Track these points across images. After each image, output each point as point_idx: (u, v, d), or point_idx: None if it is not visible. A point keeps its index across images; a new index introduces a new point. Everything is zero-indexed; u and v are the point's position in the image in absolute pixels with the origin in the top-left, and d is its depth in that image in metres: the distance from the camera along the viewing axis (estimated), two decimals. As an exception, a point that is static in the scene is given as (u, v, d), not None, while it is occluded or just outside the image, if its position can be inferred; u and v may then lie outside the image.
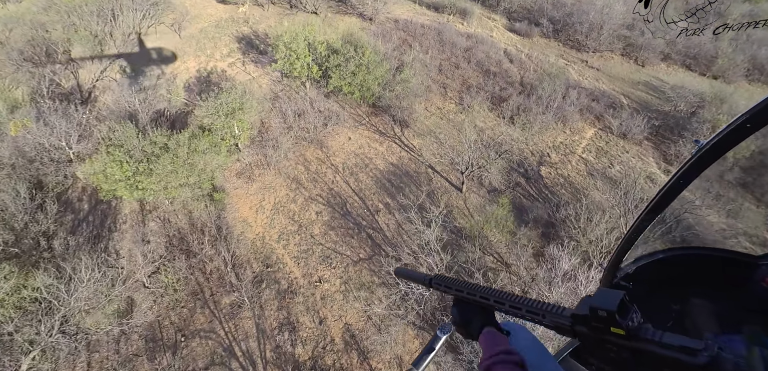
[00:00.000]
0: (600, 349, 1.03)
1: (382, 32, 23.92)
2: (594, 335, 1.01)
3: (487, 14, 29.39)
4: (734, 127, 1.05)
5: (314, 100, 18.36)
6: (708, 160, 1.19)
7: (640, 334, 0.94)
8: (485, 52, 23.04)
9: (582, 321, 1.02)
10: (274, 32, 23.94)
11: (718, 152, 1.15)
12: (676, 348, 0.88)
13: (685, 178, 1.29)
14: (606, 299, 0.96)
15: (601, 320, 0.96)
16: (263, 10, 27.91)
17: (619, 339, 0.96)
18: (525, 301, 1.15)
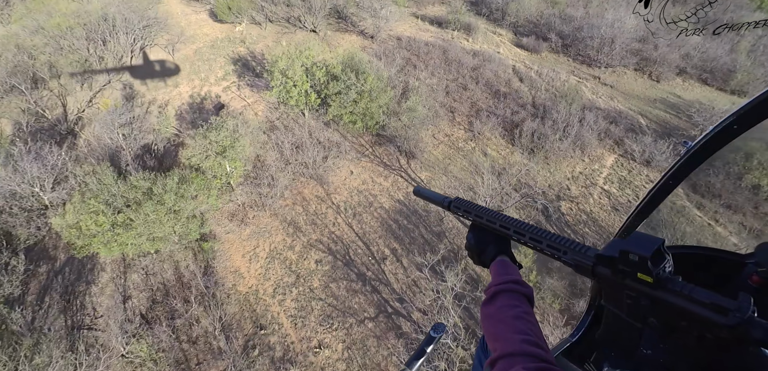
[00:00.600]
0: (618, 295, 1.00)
1: (385, 52, 22.12)
2: (616, 278, 0.97)
3: (492, 29, 27.60)
4: (722, 128, 1.04)
5: (313, 129, 16.54)
6: (697, 160, 1.18)
7: (668, 285, 0.90)
8: (493, 70, 21.23)
9: (607, 262, 0.98)
10: (272, 53, 22.17)
11: (707, 153, 1.14)
12: (705, 304, 0.82)
13: (675, 179, 1.28)
14: (641, 244, 0.92)
15: (631, 264, 0.92)
16: (261, 28, 26.13)
17: (643, 287, 0.92)
18: (546, 235, 1.11)
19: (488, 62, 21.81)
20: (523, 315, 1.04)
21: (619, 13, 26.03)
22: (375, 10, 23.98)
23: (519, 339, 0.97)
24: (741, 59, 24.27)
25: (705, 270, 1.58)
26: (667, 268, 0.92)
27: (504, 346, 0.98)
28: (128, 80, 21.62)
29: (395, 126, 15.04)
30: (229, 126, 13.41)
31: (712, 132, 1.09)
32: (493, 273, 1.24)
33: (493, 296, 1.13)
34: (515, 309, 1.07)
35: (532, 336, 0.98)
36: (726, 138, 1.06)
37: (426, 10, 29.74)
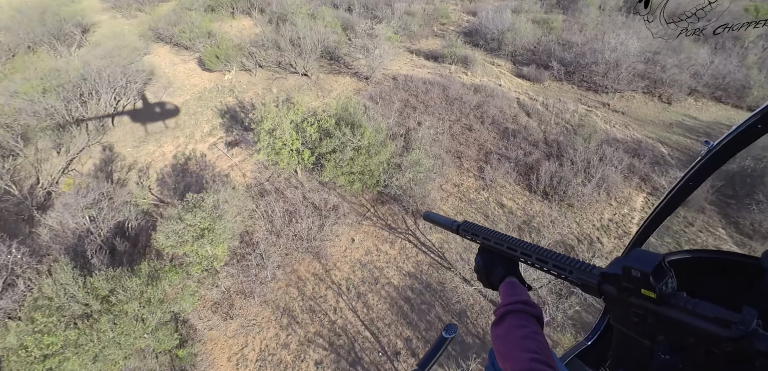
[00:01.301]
0: (625, 312, 0.97)
1: (381, 94, 19.93)
2: (622, 296, 0.95)
3: (490, 60, 25.56)
4: (745, 128, 0.99)
5: (307, 191, 14.20)
6: (718, 161, 1.13)
7: (671, 301, 0.87)
8: (498, 106, 19.05)
9: (611, 280, 0.97)
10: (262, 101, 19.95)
11: (729, 153, 1.09)
12: (709, 317, 0.80)
13: (695, 180, 1.24)
14: (642, 260, 0.90)
15: (634, 281, 0.90)
16: (251, 75, 23.97)
17: (648, 303, 0.90)
18: (552, 255, 1.10)
19: (491, 97, 19.63)
20: (532, 335, 1.04)
21: (621, 35, 24.06)
22: (368, 49, 21.89)
23: (528, 357, 0.98)
24: (753, 74, 22.25)
25: (725, 275, 1.52)
26: (669, 284, 0.89)
27: (513, 365, 0.99)
28: (108, 141, 19.33)
29: (398, 184, 12.65)
30: (209, 203, 11.00)
31: (735, 131, 1.02)
32: (502, 294, 1.24)
33: (502, 317, 1.13)
34: (524, 328, 1.06)
35: (540, 354, 0.98)
36: (750, 138, 0.99)
37: (420, 45, 27.74)
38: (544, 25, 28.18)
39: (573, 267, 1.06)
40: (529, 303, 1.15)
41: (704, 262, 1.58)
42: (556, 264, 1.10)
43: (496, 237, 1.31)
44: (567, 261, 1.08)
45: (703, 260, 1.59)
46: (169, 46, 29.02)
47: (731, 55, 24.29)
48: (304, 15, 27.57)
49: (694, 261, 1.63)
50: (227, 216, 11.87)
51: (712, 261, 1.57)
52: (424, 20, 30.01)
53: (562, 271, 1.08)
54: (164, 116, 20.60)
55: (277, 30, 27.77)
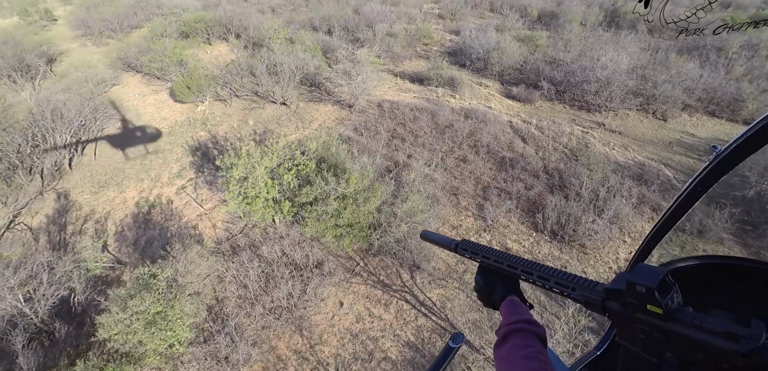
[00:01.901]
0: (631, 329, 0.92)
1: (366, 123, 17.91)
2: (627, 313, 0.90)
3: (477, 81, 23.86)
4: (753, 132, 0.94)
5: (288, 244, 11.99)
6: (726, 166, 1.08)
7: (678, 316, 0.84)
8: (492, 132, 17.23)
9: (615, 296, 0.92)
10: (237, 134, 17.72)
11: (737, 159, 1.04)
12: (717, 332, 0.77)
13: (703, 185, 1.18)
14: (646, 275, 0.86)
15: (638, 296, 0.86)
16: (226, 106, 21.68)
17: (654, 319, 0.86)
18: (554, 272, 1.05)
19: (484, 123, 17.82)
20: (535, 355, 1.00)
21: (609, 52, 22.65)
22: (350, 75, 19.90)
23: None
24: (744, 86, 21.03)
25: (735, 281, 1.46)
26: (675, 299, 0.86)
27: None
28: (64, 187, 16.77)
29: (390, 239, 10.57)
30: (162, 282, 8.71)
31: (744, 136, 0.97)
32: (504, 313, 1.19)
33: (504, 337, 1.08)
34: (527, 349, 1.02)
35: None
36: (758, 142, 0.94)
37: (404, 66, 25.90)
38: (529, 43, 26.68)
39: (576, 284, 0.99)
40: (532, 321, 1.09)
41: (714, 269, 1.52)
42: (558, 281, 1.03)
43: (495, 256, 1.24)
44: (569, 279, 1.01)
45: (712, 267, 1.51)
46: (140, 76, 26.54)
47: (718, 67, 23.13)
48: (282, 40, 25.47)
49: (704, 267, 1.54)
50: (190, 287, 9.60)
51: (722, 267, 1.50)
52: (407, 41, 28.24)
53: (564, 289, 1.02)
54: (129, 156, 18.16)
55: (254, 56, 25.60)
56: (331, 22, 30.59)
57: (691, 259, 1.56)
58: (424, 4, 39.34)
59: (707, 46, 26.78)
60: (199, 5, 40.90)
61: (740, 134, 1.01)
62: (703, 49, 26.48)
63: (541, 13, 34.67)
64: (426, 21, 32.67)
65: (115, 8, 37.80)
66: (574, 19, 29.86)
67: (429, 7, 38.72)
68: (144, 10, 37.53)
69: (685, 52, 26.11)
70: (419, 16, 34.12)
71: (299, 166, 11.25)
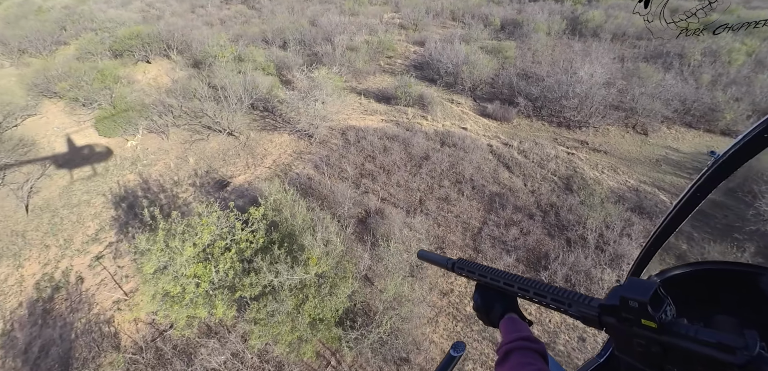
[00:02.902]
0: (628, 343, 0.90)
1: (328, 159, 14.78)
2: (623, 327, 0.88)
3: (448, 97, 21.27)
4: (750, 137, 0.93)
5: (233, 340, 8.72)
6: (724, 172, 1.06)
7: (673, 328, 0.82)
8: (473, 162, 14.60)
9: (610, 311, 0.90)
10: (174, 176, 14.16)
11: (735, 164, 1.02)
12: (712, 344, 0.76)
13: (702, 191, 1.16)
14: (638, 289, 0.84)
15: (632, 311, 0.84)
16: (162, 139, 17.85)
17: (649, 333, 0.84)
18: (551, 289, 1.03)
19: (463, 151, 15.17)
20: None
21: (585, 64, 20.69)
22: (308, 99, 16.71)
23: None
24: (718, 95, 19.59)
25: (740, 287, 1.44)
26: (669, 312, 0.84)
27: None
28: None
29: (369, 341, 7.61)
30: None
31: (741, 141, 0.95)
32: (503, 331, 1.15)
33: (505, 355, 1.04)
34: (528, 366, 0.99)
35: None
36: (755, 148, 0.93)
37: (368, 83, 22.93)
38: (497, 54, 24.42)
39: (572, 300, 0.96)
40: (532, 338, 1.05)
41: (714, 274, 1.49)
42: (555, 298, 0.99)
43: (492, 274, 1.21)
44: (566, 295, 0.97)
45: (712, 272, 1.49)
46: (64, 103, 22.06)
47: (684, 74, 21.74)
48: (229, 58, 21.81)
49: (703, 274, 1.51)
50: None
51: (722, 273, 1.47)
52: (369, 55, 25.26)
53: (561, 305, 0.99)
54: (34, 212, 14.10)
55: (197, 77, 21.80)
56: (286, 35, 27.14)
57: (685, 266, 1.52)
58: (384, 14, 36.55)
59: (670, 53, 25.56)
60: (139, 18, 36.14)
61: (738, 139, 0.96)
62: (666, 56, 25.22)
63: (504, 22, 32.72)
64: (388, 32, 29.84)
65: (39, 23, 32.46)
66: (540, 29, 27.96)
67: (389, 17, 35.96)
68: (74, 24, 32.44)
69: (650, 60, 24.76)
70: (380, 27, 31.24)
71: (241, 243, 8.01)
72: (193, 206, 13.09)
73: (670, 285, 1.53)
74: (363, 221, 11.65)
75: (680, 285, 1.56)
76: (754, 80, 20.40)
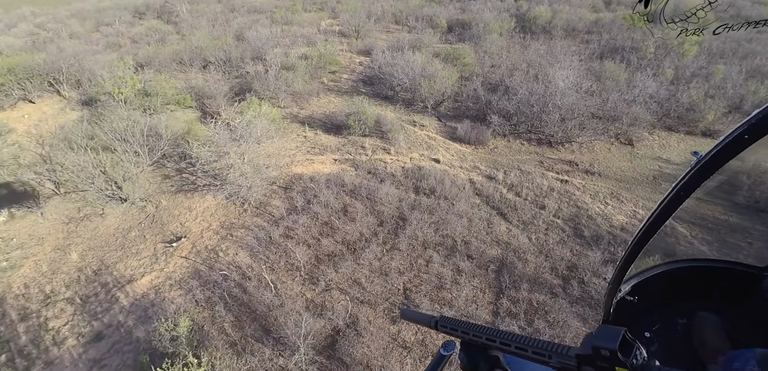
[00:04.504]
0: None
1: (270, 237, 10.43)
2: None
3: (408, 118, 17.54)
4: (732, 138, 0.89)
5: None
6: (707, 171, 0.99)
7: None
8: (460, 213, 10.92)
9: (587, 360, 0.88)
10: (45, 289, 9.22)
11: (717, 164, 0.97)
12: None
13: (686, 190, 1.07)
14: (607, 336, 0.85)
15: (605, 359, 0.84)
16: (37, 220, 12.44)
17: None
18: (530, 342, 0.99)
19: (444, 200, 11.45)
20: None
21: (557, 69, 17.91)
22: (236, 134, 12.20)
23: None
24: (693, 94, 17.63)
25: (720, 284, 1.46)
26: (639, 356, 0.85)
27: None
28: None
29: None
30: None
31: (723, 142, 0.90)
32: None
33: None
34: None
35: None
36: (736, 148, 0.88)
37: (311, 108, 18.58)
38: (455, 62, 21.10)
39: (551, 351, 0.92)
40: None
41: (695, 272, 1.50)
42: (535, 350, 0.96)
43: (474, 330, 1.15)
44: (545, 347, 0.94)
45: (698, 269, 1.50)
46: None
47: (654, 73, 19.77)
48: (130, 92, 16.46)
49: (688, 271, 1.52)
50: None
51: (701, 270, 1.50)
52: (310, 72, 20.87)
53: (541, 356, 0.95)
54: None
55: (92, 120, 16.34)
56: (207, 55, 21.96)
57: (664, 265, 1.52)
58: (322, 22, 32.10)
59: (625, 47, 23.78)
60: (25, 43, 28.76)
61: (720, 140, 0.93)
62: (622, 51, 23.38)
63: (450, 23, 29.64)
64: (328, 42, 25.54)
65: None
66: (493, 30, 25.09)
67: (327, 25, 31.59)
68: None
69: (607, 56, 22.74)
70: (319, 37, 26.85)
71: None
72: (67, 348, 8.28)
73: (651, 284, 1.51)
74: (330, 346, 7.59)
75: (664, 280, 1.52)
76: (713, 72, 18.81)
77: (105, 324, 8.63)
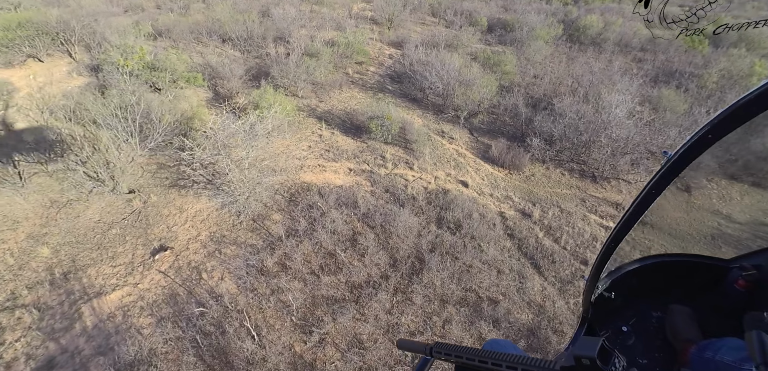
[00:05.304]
0: None
1: (263, 264, 8.84)
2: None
3: (436, 128, 15.68)
4: (698, 138, 0.96)
5: None
6: (676, 170, 1.09)
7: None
8: (488, 259, 9.20)
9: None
10: (9, 286, 7.94)
11: (685, 162, 1.05)
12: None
13: (657, 188, 1.17)
14: (586, 346, 0.86)
15: (587, 368, 0.85)
16: (16, 199, 11.23)
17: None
18: (520, 359, 1.02)
19: (470, 239, 9.65)
20: None
21: (612, 92, 15.65)
22: (237, 138, 10.67)
23: None
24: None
25: (690, 277, 1.51)
26: (618, 364, 0.89)
27: None
28: None
29: None
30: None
31: (689, 142, 0.99)
32: None
33: None
34: None
35: None
36: (702, 147, 0.96)
37: (332, 102, 16.90)
38: (494, 68, 18.99)
39: (538, 366, 0.94)
40: None
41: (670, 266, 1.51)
42: (524, 367, 0.97)
43: (467, 353, 1.15)
44: (533, 363, 0.96)
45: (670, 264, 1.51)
46: None
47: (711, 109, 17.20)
48: (138, 63, 15.05)
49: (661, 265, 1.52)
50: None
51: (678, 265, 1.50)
52: (334, 62, 19.15)
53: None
54: None
55: (94, 91, 15.09)
56: (227, 30, 20.44)
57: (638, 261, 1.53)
58: (354, 5, 30.15)
59: (684, 73, 21.16)
60: None
61: (686, 140, 0.98)
62: (678, 76, 20.77)
63: (491, 22, 27.30)
64: (358, 29, 23.65)
65: None
66: (539, 36, 22.70)
67: (360, 9, 29.62)
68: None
69: (661, 81, 20.27)
70: (349, 23, 24.98)
71: None
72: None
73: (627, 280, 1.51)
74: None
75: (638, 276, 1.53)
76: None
77: (61, 347, 7.29)
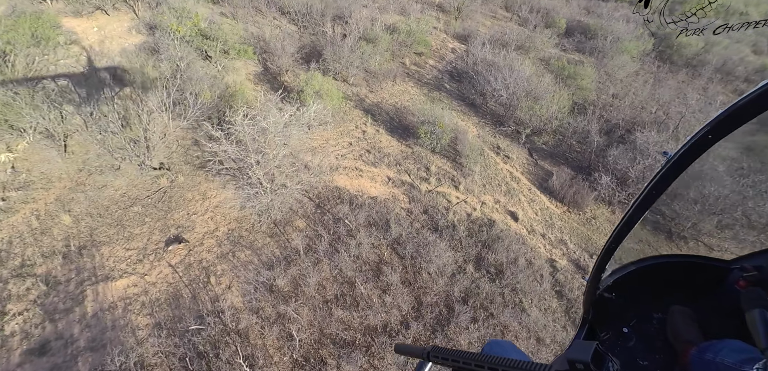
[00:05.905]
0: None
1: (274, 281, 7.98)
2: None
3: (492, 142, 13.89)
4: (698, 138, 0.93)
5: None
6: (676, 171, 1.04)
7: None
8: (529, 322, 7.73)
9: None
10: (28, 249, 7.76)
11: (685, 163, 1.01)
12: None
13: (657, 189, 1.11)
14: (580, 351, 0.87)
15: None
16: (55, 156, 11.21)
17: None
18: (517, 363, 1.00)
19: (511, 290, 8.18)
20: None
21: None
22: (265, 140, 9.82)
23: None
24: None
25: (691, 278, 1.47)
26: (612, 367, 0.90)
27: None
28: None
29: None
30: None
31: (689, 142, 0.95)
32: None
33: None
34: None
35: None
36: (702, 147, 0.93)
37: (382, 94, 15.66)
38: (569, 82, 16.71)
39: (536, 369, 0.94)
40: None
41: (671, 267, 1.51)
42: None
43: (464, 357, 1.13)
44: (529, 366, 0.96)
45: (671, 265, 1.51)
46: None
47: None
48: (192, 30, 14.66)
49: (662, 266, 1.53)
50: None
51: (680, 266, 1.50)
52: (392, 50, 17.80)
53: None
54: None
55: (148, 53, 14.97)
56: (285, 2, 19.69)
57: (637, 263, 1.54)
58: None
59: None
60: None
61: (687, 141, 0.97)
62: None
63: (570, 25, 24.39)
64: (423, 16, 21.99)
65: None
66: (626, 49, 19.79)
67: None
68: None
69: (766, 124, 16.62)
70: (414, 8, 23.35)
71: None
72: (6, 350, 6.72)
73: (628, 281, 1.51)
74: None
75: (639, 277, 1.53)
76: None
77: (57, 332, 6.91)
